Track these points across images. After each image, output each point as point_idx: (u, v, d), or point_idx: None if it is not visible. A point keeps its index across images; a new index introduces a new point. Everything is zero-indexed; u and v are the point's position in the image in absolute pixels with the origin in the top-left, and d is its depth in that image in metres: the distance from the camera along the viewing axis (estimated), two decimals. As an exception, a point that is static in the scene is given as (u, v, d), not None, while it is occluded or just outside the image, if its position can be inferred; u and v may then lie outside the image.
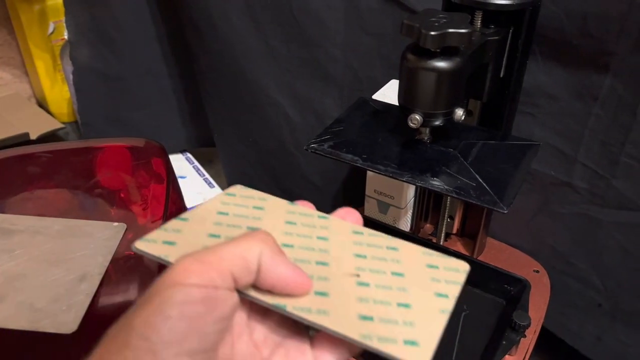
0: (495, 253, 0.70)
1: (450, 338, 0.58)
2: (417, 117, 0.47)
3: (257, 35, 0.77)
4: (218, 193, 0.33)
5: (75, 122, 1.31)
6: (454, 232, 0.71)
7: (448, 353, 0.57)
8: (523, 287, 0.60)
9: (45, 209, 0.61)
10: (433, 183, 0.47)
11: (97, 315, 0.49)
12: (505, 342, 0.54)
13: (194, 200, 0.96)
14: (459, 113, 0.48)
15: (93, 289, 0.50)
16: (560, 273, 0.68)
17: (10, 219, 0.59)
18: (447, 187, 0.47)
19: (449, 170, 0.48)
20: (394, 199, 0.69)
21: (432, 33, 0.42)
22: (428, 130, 0.51)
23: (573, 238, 0.65)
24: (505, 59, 0.54)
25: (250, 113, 0.86)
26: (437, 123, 0.48)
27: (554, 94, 0.59)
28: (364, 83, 0.74)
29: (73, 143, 0.81)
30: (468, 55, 0.46)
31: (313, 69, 0.76)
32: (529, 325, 0.54)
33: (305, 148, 0.52)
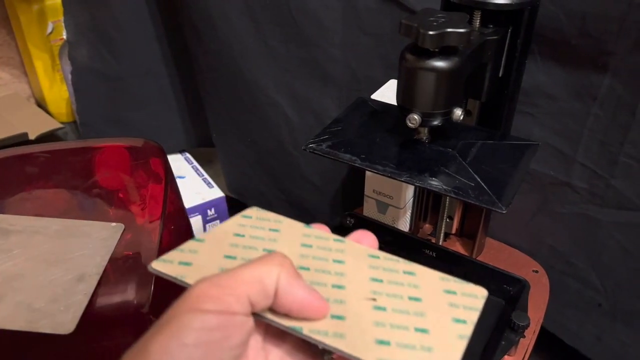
0: (495, 253, 0.70)
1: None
2: (415, 117, 0.47)
3: (256, 36, 0.77)
4: (235, 216, 0.33)
5: (74, 122, 1.31)
6: (453, 232, 0.71)
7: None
8: (522, 287, 0.60)
9: (44, 209, 0.61)
10: (432, 183, 0.47)
11: (95, 316, 0.49)
12: (505, 342, 0.54)
13: (193, 201, 0.96)
14: (458, 113, 0.48)
15: (91, 289, 0.50)
16: (560, 273, 0.68)
17: (9, 219, 0.59)
18: (445, 187, 0.46)
19: (448, 170, 0.48)
20: (393, 199, 0.69)
21: (430, 33, 0.42)
22: (427, 130, 0.51)
23: (572, 238, 0.65)
24: (504, 59, 0.54)
25: (249, 113, 0.85)
26: (435, 123, 0.48)
27: (553, 94, 0.59)
28: (363, 83, 0.74)
29: (71, 143, 0.81)
30: (467, 55, 0.46)
31: (312, 69, 0.76)
32: (528, 326, 0.54)
33: (304, 148, 0.52)
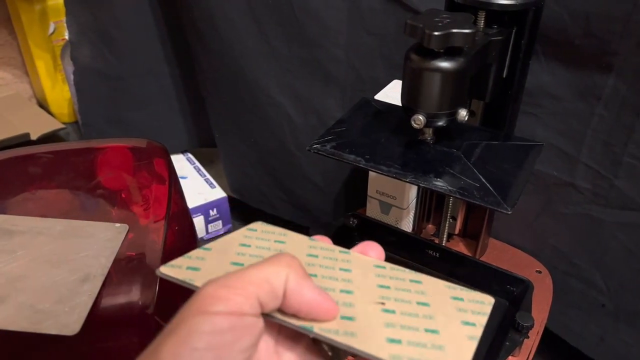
0: (498, 254, 0.70)
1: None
2: (420, 117, 0.47)
3: (258, 36, 0.77)
4: (240, 230, 0.33)
5: (76, 122, 1.31)
6: (456, 232, 0.71)
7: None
8: (526, 287, 0.60)
9: (47, 210, 0.61)
10: (436, 184, 0.47)
11: (99, 317, 0.49)
12: (509, 343, 0.54)
13: (195, 201, 0.96)
14: (463, 114, 0.48)
15: (96, 290, 0.50)
16: (563, 273, 0.68)
17: (12, 220, 0.59)
18: (450, 187, 0.46)
19: (452, 171, 0.48)
20: (396, 200, 0.69)
21: (436, 33, 0.42)
22: (431, 131, 0.51)
23: (576, 238, 0.65)
24: (508, 59, 0.54)
25: (252, 113, 0.85)
26: (440, 124, 0.48)
27: (557, 94, 0.59)
28: (366, 83, 0.74)
29: (74, 143, 0.81)
30: (472, 56, 0.46)
31: (315, 69, 0.76)
32: (532, 326, 0.54)
33: (308, 149, 0.52)
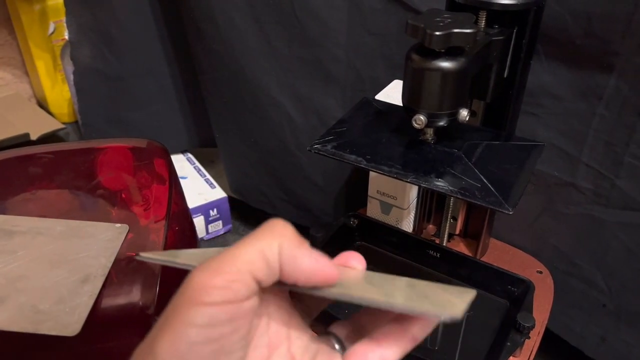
0: (499, 254, 0.70)
1: (454, 340, 0.58)
2: (421, 117, 0.47)
3: (259, 36, 0.77)
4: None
5: (76, 122, 1.31)
6: (457, 232, 0.71)
7: (451, 355, 0.57)
8: (527, 288, 0.60)
9: (47, 210, 0.61)
10: (437, 184, 0.47)
11: (100, 317, 0.49)
12: (510, 343, 0.54)
13: (195, 201, 0.96)
14: (464, 113, 0.48)
15: (96, 291, 0.50)
16: (564, 274, 0.68)
17: (12, 220, 0.58)
18: (451, 188, 0.46)
19: (454, 171, 0.48)
20: (397, 200, 0.69)
21: (437, 33, 0.42)
22: (432, 131, 0.51)
23: (577, 238, 0.65)
24: (509, 59, 0.54)
25: (252, 113, 0.85)
26: (441, 124, 0.48)
27: (558, 94, 0.59)
28: (367, 83, 0.74)
29: (74, 144, 0.81)
30: (473, 56, 0.46)
31: (315, 69, 0.75)
32: (534, 327, 0.54)
33: (309, 149, 0.52)
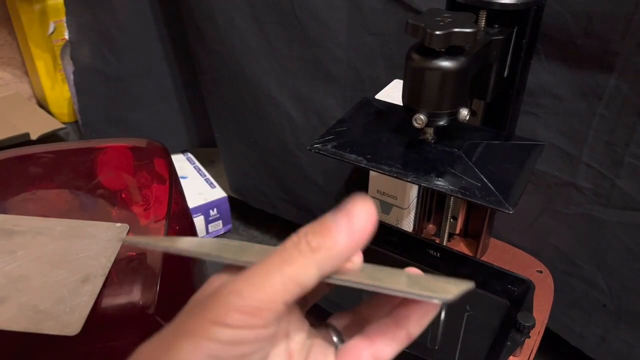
0: (499, 253, 0.70)
1: (454, 339, 0.58)
2: (421, 117, 0.47)
3: (259, 36, 0.77)
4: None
5: (76, 122, 1.31)
6: (457, 232, 0.71)
7: (451, 354, 0.57)
8: (527, 287, 0.60)
9: (47, 210, 0.61)
10: (438, 183, 0.47)
11: (101, 317, 0.49)
12: (510, 343, 0.54)
13: (195, 201, 0.96)
14: (464, 113, 0.48)
15: (97, 290, 0.50)
16: (564, 273, 0.68)
17: (12, 220, 0.58)
18: (452, 187, 0.46)
19: (454, 171, 0.48)
20: (397, 199, 0.69)
21: (437, 32, 0.42)
22: (432, 130, 0.51)
23: (577, 238, 0.65)
24: (510, 59, 0.54)
25: (252, 113, 0.85)
26: (441, 123, 0.48)
27: (558, 94, 0.59)
28: (367, 83, 0.74)
29: (74, 143, 0.81)
30: (473, 55, 0.46)
31: (315, 69, 0.76)
32: (534, 326, 0.54)
33: (309, 148, 0.52)
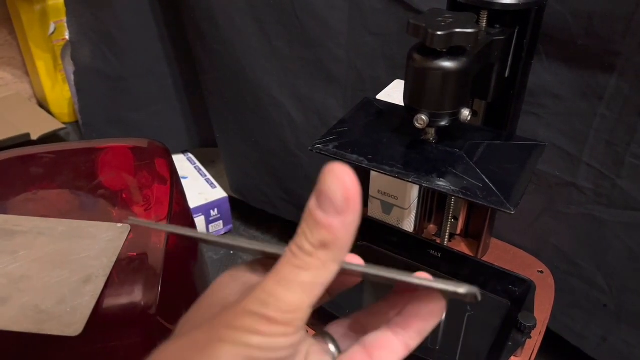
0: (500, 254, 0.70)
1: (455, 339, 0.58)
2: (423, 117, 0.47)
3: (259, 36, 0.77)
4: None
5: (77, 122, 1.31)
6: (458, 232, 0.71)
7: (452, 354, 0.57)
8: (528, 287, 0.60)
9: (48, 210, 0.61)
10: (439, 184, 0.47)
11: (102, 317, 0.49)
12: (511, 343, 0.54)
13: (196, 201, 0.96)
14: (465, 113, 0.48)
15: (98, 291, 0.50)
16: (565, 273, 0.68)
17: (13, 220, 0.58)
18: (453, 187, 0.46)
19: (455, 171, 0.48)
20: (398, 200, 0.69)
21: (438, 33, 0.42)
22: (434, 131, 0.51)
23: (578, 238, 0.65)
24: (511, 59, 0.54)
25: (253, 113, 0.85)
26: (443, 123, 0.48)
27: (559, 94, 0.59)
28: (368, 83, 0.74)
29: (75, 144, 0.81)
30: (474, 55, 0.46)
31: (316, 69, 0.76)
32: (535, 326, 0.54)
33: (310, 149, 0.52)
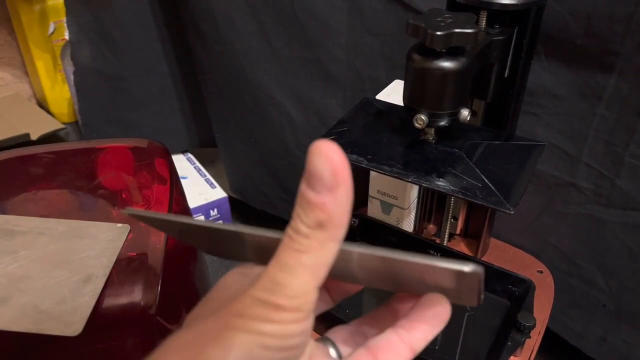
0: (499, 253, 0.70)
1: (454, 339, 0.58)
2: (422, 117, 0.47)
3: (259, 36, 0.77)
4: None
5: (76, 122, 1.31)
6: (458, 232, 0.71)
7: (452, 354, 0.57)
8: (527, 287, 0.60)
9: (47, 210, 0.61)
10: (439, 184, 0.47)
11: (102, 317, 0.49)
12: (510, 343, 0.54)
13: (196, 201, 0.96)
14: (465, 113, 0.48)
15: (98, 291, 0.50)
16: (564, 273, 0.68)
17: (13, 220, 0.58)
18: (452, 187, 0.46)
19: (455, 171, 0.48)
20: (397, 200, 0.69)
21: (438, 33, 0.42)
22: (433, 131, 0.51)
23: (577, 238, 0.65)
24: (510, 59, 0.54)
25: (252, 113, 0.85)
26: (442, 123, 0.48)
27: (558, 94, 0.59)
28: (367, 83, 0.74)
29: (75, 144, 0.81)
30: (473, 56, 0.46)
31: (316, 70, 0.76)
32: (534, 326, 0.54)
33: (310, 149, 0.52)
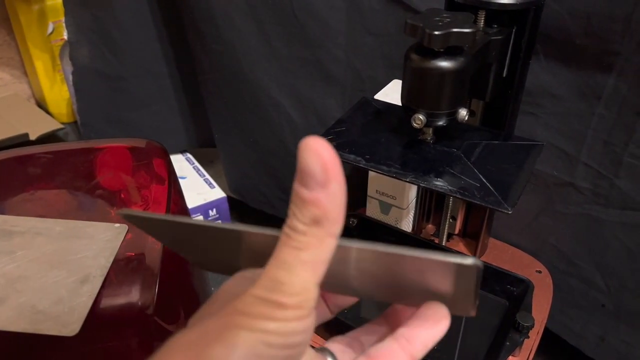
0: (498, 253, 0.70)
1: (453, 339, 0.58)
2: (420, 117, 0.47)
3: (259, 36, 0.77)
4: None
5: (75, 122, 1.31)
6: (456, 232, 0.71)
7: (451, 354, 0.57)
8: (526, 287, 0.60)
9: (46, 210, 0.61)
10: (437, 184, 0.47)
11: (99, 317, 0.49)
12: (509, 343, 0.54)
13: (195, 201, 0.96)
14: (463, 113, 0.48)
15: (95, 291, 0.50)
16: (563, 273, 0.68)
17: (11, 221, 0.58)
18: (451, 187, 0.46)
19: (453, 171, 0.48)
20: (396, 200, 0.69)
21: (436, 33, 0.42)
22: (431, 131, 0.51)
23: (576, 238, 0.65)
24: (509, 59, 0.54)
25: (252, 113, 0.85)
26: (440, 123, 0.48)
27: (557, 94, 0.59)
28: (366, 83, 0.74)
29: (73, 144, 0.81)
30: (472, 55, 0.46)
31: (315, 70, 0.76)
32: (533, 326, 0.54)
33: (309, 148, 0.52)
